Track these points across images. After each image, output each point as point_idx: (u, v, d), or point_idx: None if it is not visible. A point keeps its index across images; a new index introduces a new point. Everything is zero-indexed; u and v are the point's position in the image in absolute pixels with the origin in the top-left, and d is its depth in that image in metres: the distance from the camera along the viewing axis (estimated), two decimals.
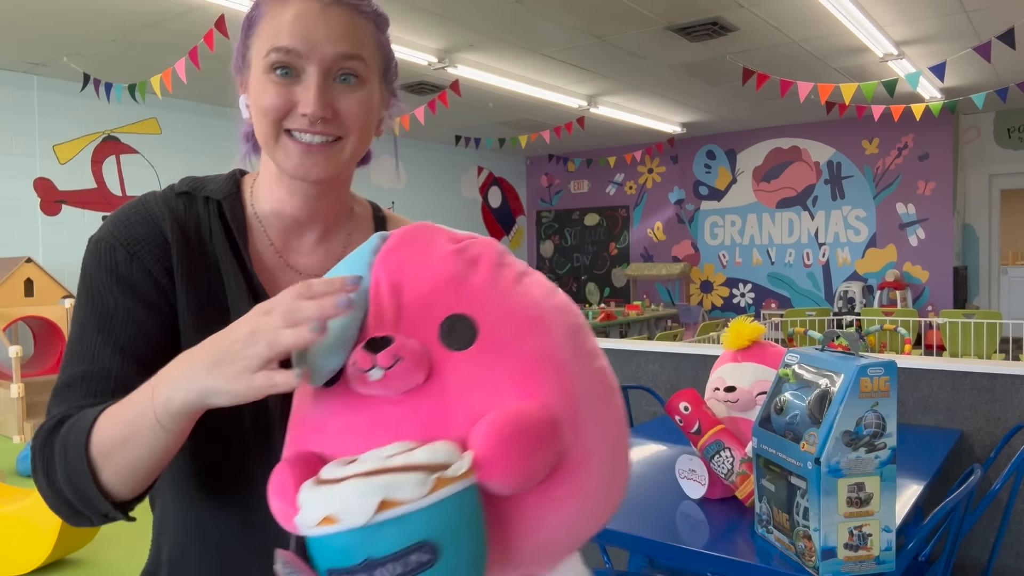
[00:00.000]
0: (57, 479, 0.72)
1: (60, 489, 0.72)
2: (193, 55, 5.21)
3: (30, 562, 3.03)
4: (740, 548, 1.26)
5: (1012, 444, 2.06)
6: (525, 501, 0.61)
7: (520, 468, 0.58)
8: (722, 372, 1.57)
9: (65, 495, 0.72)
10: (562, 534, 0.63)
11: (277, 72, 0.80)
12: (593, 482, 0.64)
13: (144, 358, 0.78)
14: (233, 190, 0.93)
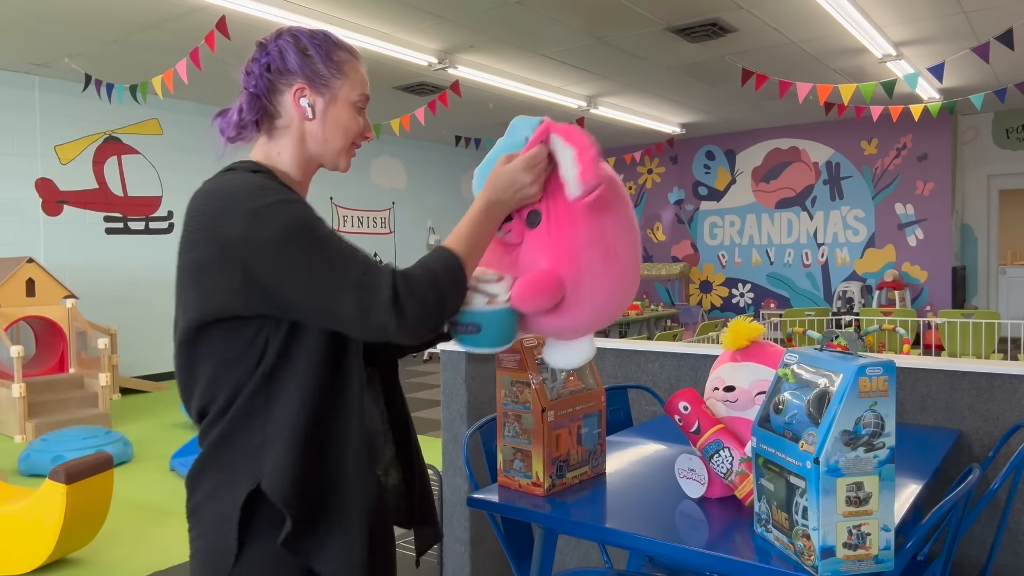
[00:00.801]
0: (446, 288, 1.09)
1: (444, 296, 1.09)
2: (194, 56, 5.21)
3: (31, 561, 3.04)
4: (739, 547, 1.27)
5: (1010, 443, 2.07)
6: (541, 317, 1.22)
7: (528, 305, 1.18)
8: (721, 372, 1.58)
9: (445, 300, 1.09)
10: (562, 330, 1.26)
11: (358, 107, 1.22)
12: (582, 315, 1.22)
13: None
14: (270, 170, 1.21)
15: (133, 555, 3.27)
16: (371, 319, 1.03)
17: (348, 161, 1.24)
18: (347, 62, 1.20)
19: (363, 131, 1.23)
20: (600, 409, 1.63)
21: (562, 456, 1.56)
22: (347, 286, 1.02)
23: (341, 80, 1.19)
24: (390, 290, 1.02)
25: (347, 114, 1.20)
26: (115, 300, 7.50)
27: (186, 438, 5.37)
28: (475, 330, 1.18)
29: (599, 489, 1.58)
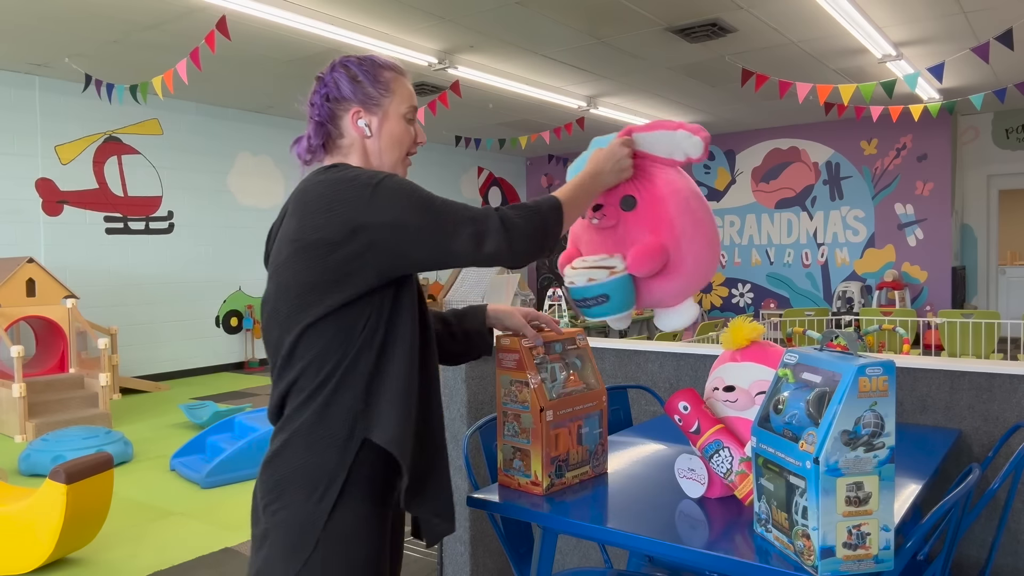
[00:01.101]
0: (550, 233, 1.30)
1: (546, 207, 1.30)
2: (194, 56, 5.21)
3: (31, 562, 3.04)
4: (739, 547, 1.27)
5: (1010, 443, 2.07)
6: (651, 281, 1.48)
7: (644, 269, 1.44)
8: (721, 372, 1.58)
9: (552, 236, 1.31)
10: (670, 294, 1.50)
11: (407, 119, 1.40)
12: (684, 276, 1.47)
13: None
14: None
15: (133, 555, 3.28)
16: (486, 245, 1.23)
17: (405, 169, 1.42)
18: (393, 80, 1.39)
19: (415, 139, 1.42)
20: (601, 409, 1.63)
21: (561, 456, 1.56)
22: (461, 223, 1.23)
23: (390, 98, 1.38)
24: (498, 219, 1.24)
25: (399, 127, 1.39)
26: (115, 300, 7.50)
27: (186, 438, 5.38)
28: (604, 300, 1.44)
29: (599, 489, 1.59)
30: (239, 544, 3.39)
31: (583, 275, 1.47)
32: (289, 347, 1.26)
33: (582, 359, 1.64)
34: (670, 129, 1.46)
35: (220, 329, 8.50)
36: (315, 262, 1.22)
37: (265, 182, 8.88)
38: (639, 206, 1.45)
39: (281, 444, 1.26)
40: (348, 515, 1.24)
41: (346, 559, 1.24)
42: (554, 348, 1.60)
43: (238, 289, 8.66)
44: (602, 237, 1.50)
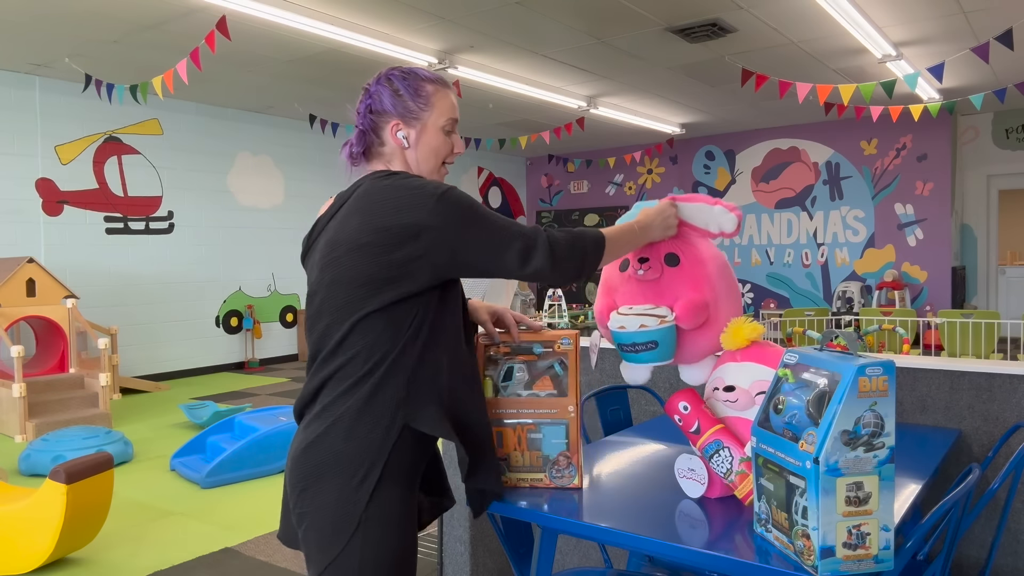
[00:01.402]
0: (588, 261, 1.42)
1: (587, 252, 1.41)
2: (194, 56, 5.21)
3: (31, 561, 3.04)
4: (739, 547, 1.27)
5: (1010, 443, 2.07)
6: (693, 333, 1.62)
7: (691, 321, 1.58)
8: (721, 372, 1.58)
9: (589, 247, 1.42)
10: (699, 349, 1.65)
11: (445, 132, 1.49)
12: (715, 334, 1.61)
13: None
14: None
15: (133, 555, 3.28)
16: (531, 262, 1.35)
17: (442, 177, 1.52)
18: (434, 93, 1.48)
19: (453, 150, 1.51)
20: (567, 420, 1.55)
21: (500, 455, 1.57)
22: (512, 238, 1.35)
23: (429, 111, 1.47)
24: (545, 240, 1.36)
25: (437, 138, 1.48)
26: (115, 300, 7.50)
27: (186, 438, 5.38)
28: (654, 346, 1.56)
29: (599, 489, 1.59)
30: (239, 544, 3.39)
31: (635, 320, 1.57)
32: (340, 337, 1.35)
33: (564, 366, 1.57)
34: (708, 203, 1.63)
35: (220, 329, 8.50)
36: (376, 259, 1.33)
37: (265, 182, 8.88)
38: (682, 264, 1.61)
39: (323, 430, 1.33)
40: (387, 499, 1.32)
41: (386, 541, 1.32)
42: (532, 349, 1.59)
43: (238, 289, 8.66)
44: (643, 289, 1.64)
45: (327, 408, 1.34)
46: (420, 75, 1.48)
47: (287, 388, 7.36)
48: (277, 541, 3.42)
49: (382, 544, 1.31)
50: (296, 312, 9.33)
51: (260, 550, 3.31)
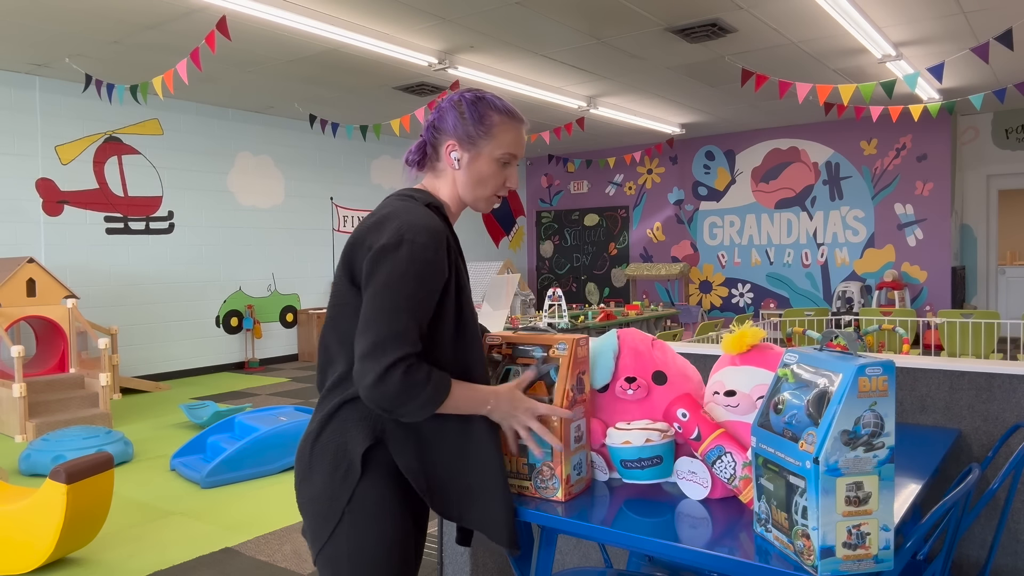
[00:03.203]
0: (420, 397, 1.30)
1: (417, 399, 1.30)
2: (194, 56, 5.21)
3: (31, 561, 3.04)
4: (739, 547, 1.27)
5: (1010, 443, 2.07)
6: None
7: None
8: (721, 376, 1.57)
9: (412, 404, 1.30)
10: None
11: (501, 163, 1.50)
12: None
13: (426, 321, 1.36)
14: (440, 203, 1.50)
15: (133, 555, 3.28)
16: (367, 364, 1.29)
17: (488, 206, 1.55)
18: (498, 124, 1.48)
19: (504, 183, 1.52)
20: (551, 429, 1.49)
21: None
22: (373, 333, 1.29)
23: (487, 140, 1.48)
24: (385, 368, 1.28)
25: (488, 168, 1.49)
26: (115, 300, 7.50)
27: (186, 438, 5.38)
28: (659, 461, 1.54)
29: (599, 489, 1.59)
30: (239, 544, 3.39)
31: (641, 435, 1.55)
32: (338, 338, 1.42)
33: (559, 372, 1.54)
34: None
35: (220, 329, 8.50)
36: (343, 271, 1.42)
37: (265, 182, 8.88)
38: (669, 381, 1.66)
39: (316, 424, 1.42)
40: (371, 492, 1.36)
41: (370, 534, 1.36)
42: (533, 353, 1.57)
43: (238, 289, 8.66)
44: (632, 407, 1.66)
45: (321, 402, 1.43)
46: (491, 104, 1.49)
47: (287, 388, 7.36)
48: (277, 541, 3.42)
49: (367, 536, 1.35)
50: (296, 312, 9.33)
51: (260, 550, 3.31)
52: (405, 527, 1.40)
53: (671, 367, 1.68)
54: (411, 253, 1.32)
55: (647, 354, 1.68)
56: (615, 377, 1.66)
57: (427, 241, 1.34)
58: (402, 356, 1.28)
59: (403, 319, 1.30)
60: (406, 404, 1.30)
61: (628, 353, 1.67)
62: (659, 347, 1.71)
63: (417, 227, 1.35)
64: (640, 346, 1.69)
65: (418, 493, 1.42)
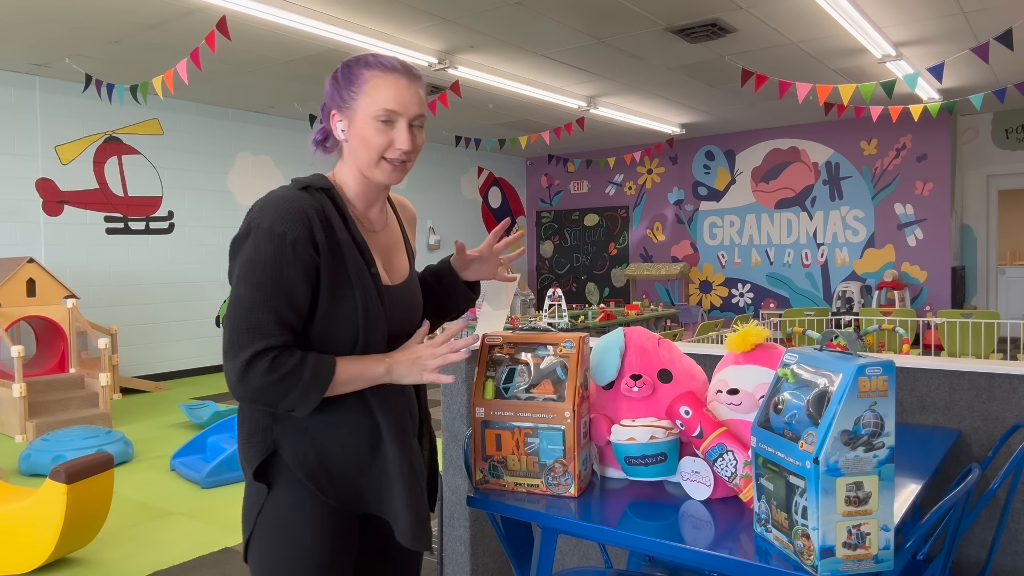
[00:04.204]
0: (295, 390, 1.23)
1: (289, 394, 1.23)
2: (194, 56, 5.21)
3: (31, 561, 3.04)
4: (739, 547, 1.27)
5: (1010, 443, 2.07)
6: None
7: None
8: (725, 375, 1.58)
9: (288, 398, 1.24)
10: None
11: (381, 121, 1.32)
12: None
13: (300, 309, 1.27)
14: (330, 184, 1.39)
15: (133, 555, 3.28)
16: (228, 364, 1.23)
17: (385, 174, 1.36)
18: (370, 80, 1.33)
19: (392, 143, 1.33)
20: (564, 425, 1.51)
21: (497, 457, 1.56)
22: (229, 329, 1.24)
23: (361, 99, 1.33)
24: (243, 365, 1.22)
25: (368, 128, 1.33)
26: (115, 300, 7.50)
27: (186, 438, 5.38)
28: (663, 458, 1.55)
29: (599, 489, 1.59)
30: (239, 544, 3.39)
31: (646, 432, 1.55)
32: None
33: (566, 369, 1.55)
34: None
35: (220, 329, 8.50)
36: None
37: (265, 182, 8.88)
38: (675, 380, 1.66)
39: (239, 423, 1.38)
40: (279, 504, 1.31)
41: (281, 546, 1.30)
42: (536, 351, 1.58)
43: None
44: (637, 405, 1.66)
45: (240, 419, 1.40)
46: (365, 61, 1.35)
47: None
48: None
49: (275, 551, 1.30)
50: None
51: None
52: (322, 542, 1.31)
53: (677, 366, 1.68)
54: (256, 240, 1.24)
55: (653, 352, 1.68)
56: (621, 374, 1.66)
57: (272, 225, 1.24)
58: (260, 350, 1.21)
59: (257, 311, 1.22)
60: (283, 396, 1.23)
61: (634, 351, 1.68)
62: (665, 346, 1.71)
63: (266, 212, 1.26)
64: (646, 344, 1.69)
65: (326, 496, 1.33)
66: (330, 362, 1.27)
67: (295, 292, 1.25)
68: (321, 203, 1.32)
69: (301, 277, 1.26)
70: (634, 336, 1.71)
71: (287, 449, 1.31)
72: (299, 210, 1.27)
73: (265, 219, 1.25)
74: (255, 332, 1.22)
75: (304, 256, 1.25)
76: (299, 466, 1.31)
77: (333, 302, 1.30)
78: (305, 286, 1.27)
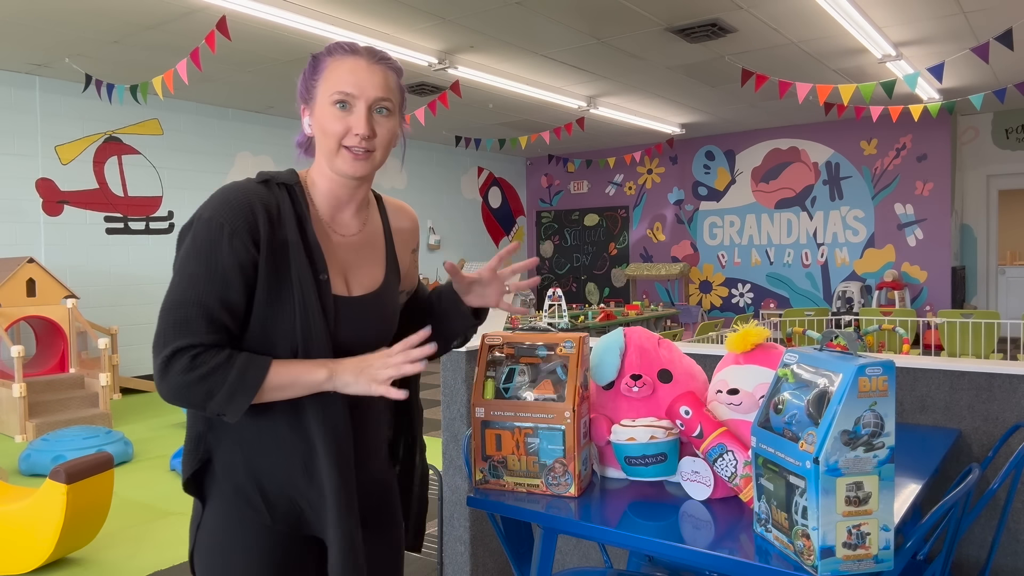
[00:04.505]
0: (220, 391, 1.13)
1: (214, 395, 1.13)
2: (194, 56, 5.21)
3: (31, 561, 3.04)
4: (739, 547, 1.27)
5: (1010, 443, 2.07)
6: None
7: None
8: (725, 375, 1.58)
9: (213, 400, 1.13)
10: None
11: (338, 106, 1.21)
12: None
13: (233, 306, 1.17)
14: (296, 180, 1.28)
15: (133, 555, 3.28)
16: (153, 360, 1.15)
17: (347, 163, 1.23)
18: (329, 65, 1.24)
19: (350, 130, 1.21)
20: (564, 426, 1.50)
21: (497, 457, 1.56)
22: (158, 324, 1.16)
23: (320, 85, 1.24)
24: (163, 362, 1.13)
25: (325, 114, 1.22)
26: (115, 300, 7.50)
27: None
28: (663, 458, 1.55)
29: (599, 489, 1.59)
30: None
31: (646, 432, 1.55)
32: None
33: (566, 370, 1.54)
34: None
35: None
36: None
37: None
38: (675, 380, 1.66)
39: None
40: (218, 516, 1.24)
41: (215, 567, 1.23)
42: (536, 351, 1.58)
43: None
44: (637, 405, 1.66)
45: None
46: (327, 49, 1.26)
47: None
48: None
49: (211, 570, 1.23)
50: None
51: None
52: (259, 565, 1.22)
53: (677, 366, 1.68)
54: (196, 231, 1.16)
55: (653, 352, 1.68)
56: (621, 374, 1.66)
57: (213, 215, 1.16)
58: (180, 347, 1.13)
59: (186, 306, 1.14)
60: (207, 397, 1.13)
61: (634, 351, 1.68)
62: (665, 346, 1.71)
63: (211, 202, 1.18)
64: (646, 344, 1.69)
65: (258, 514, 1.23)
66: (262, 363, 1.16)
67: (229, 287, 1.16)
68: (278, 199, 1.23)
69: (236, 272, 1.16)
70: (634, 336, 1.71)
71: (218, 460, 1.24)
72: (244, 202, 1.18)
73: (208, 209, 1.17)
74: (180, 328, 1.14)
75: (240, 250, 1.16)
76: (227, 479, 1.23)
77: (270, 305, 1.19)
78: (240, 282, 1.16)
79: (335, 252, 1.28)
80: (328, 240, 1.28)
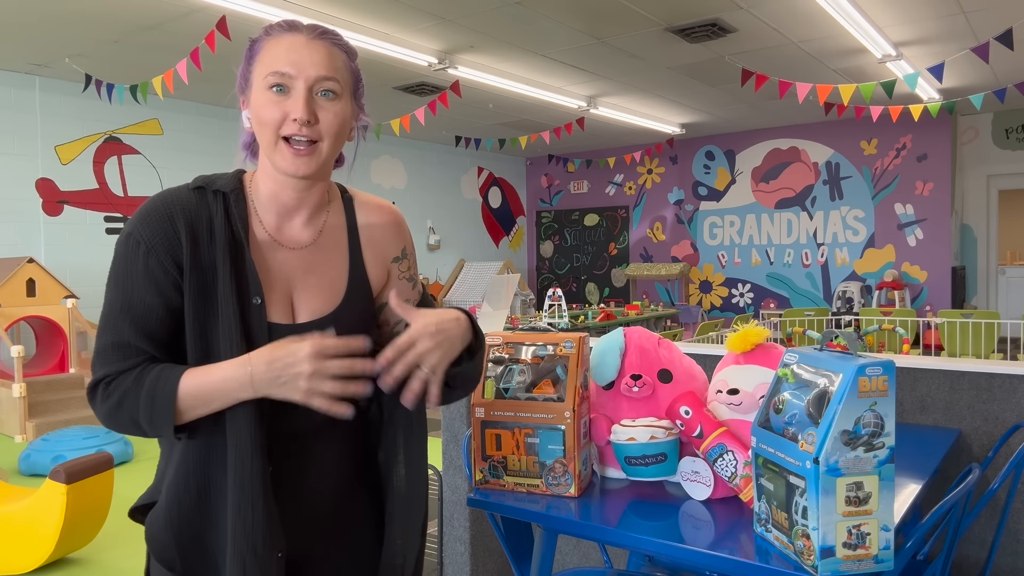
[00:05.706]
0: (139, 415, 0.99)
1: (138, 421, 1.00)
2: (194, 56, 5.21)
3: (31, 561, 3.04)
4: (739, 547, 1.27)
5: (1010, 443, 2.07)
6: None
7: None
8: (725, 375, 1.58)
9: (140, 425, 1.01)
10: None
11: (274, 90, 1.04)
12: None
13: (154, 333, 1.03)
14: (238, 185, 1.11)
15: (133, 555, 3.28)
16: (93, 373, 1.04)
17: (286, 159, 1.04)
18: (264, 47, 1.07)
19: (287, 117, 1.03)
20: (564, 425, 1.49)
21: (497, 457, 1.56)
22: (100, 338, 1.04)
23: (255, 70, 1.07)
24: (89, 391, 1.04)
25: (259, 101, 1.05)
26: None
27: None
28: (664, 458, 1.55)
29: (599, 489, 1.59)
30: None
31: (646, 432, 1.55)
32: None
33: (566, 370, 1.54)
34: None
35: None
36: None
37: None
38: (675, 380, 1.66)
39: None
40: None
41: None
42: (536, 351, 1.58)
43: None
44: (637, 405, 1.66)
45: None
46: (265, 29, 1.10)
47: None
48: None
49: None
50: None
51: None
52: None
53: (677, 366, 1.68)
54: (116, 250, 1.05)
55: (653, 352, 1.68)
56: (621, 374, 1.66)
57: (132, 230, 1.02)
58: (98, 379, 1.02)
59: (104, 334, 1.03)
60: (134, 424, 1.01)
61: (634, 351, 1.68)
62: (665, 346, 1.71)
63: (136, 214, 1.04)
64: (646, 344, 1.69)
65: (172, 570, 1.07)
66: (172, 373, 1.00)
67: (147, 313, 1.02)
68: (209, 208, 1.06)
69: (154, 295, 1.01)
70: (634, 336, 1.71)
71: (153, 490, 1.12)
72: (164, 214, 1.03)
73: (130, 222, 1.04)
74: (98, 358, 1.03)
75: (156, 270, 1.01)
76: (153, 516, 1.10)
77: (201, 332, 1.03)
78: (160, 305, 1.02)
79: (279, 270, 1.09)
80: (272, 255, 1.09)
